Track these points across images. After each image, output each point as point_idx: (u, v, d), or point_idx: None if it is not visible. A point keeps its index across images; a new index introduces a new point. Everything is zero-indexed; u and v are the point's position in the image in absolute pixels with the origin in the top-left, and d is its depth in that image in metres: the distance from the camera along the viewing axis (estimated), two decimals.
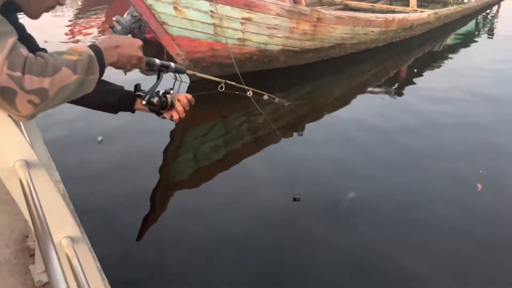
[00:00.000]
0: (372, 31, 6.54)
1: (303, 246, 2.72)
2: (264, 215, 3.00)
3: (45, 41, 7.63)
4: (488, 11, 10.35)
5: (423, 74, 6.23)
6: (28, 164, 0.93)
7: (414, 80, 5.93)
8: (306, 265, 2.57)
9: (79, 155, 3.71)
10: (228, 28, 5.08)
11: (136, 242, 2.76)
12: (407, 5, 8.38)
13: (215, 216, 3.00)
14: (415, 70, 6.47)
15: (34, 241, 1.80)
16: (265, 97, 4.04)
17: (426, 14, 7.52)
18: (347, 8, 8.55)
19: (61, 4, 1.16)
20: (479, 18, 9.72)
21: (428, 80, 5.93)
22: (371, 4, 8.96)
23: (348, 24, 6.05)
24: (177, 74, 1.51)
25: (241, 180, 3.48)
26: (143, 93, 1.39)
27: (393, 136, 4.15)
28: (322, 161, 3.71)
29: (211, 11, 4.87)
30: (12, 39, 0.83)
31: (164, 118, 1.46)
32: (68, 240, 0.96)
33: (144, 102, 1.37)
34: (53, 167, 2.21)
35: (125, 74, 1.38)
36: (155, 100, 1.37)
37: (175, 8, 4.77)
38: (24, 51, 0.85)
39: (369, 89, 5.62)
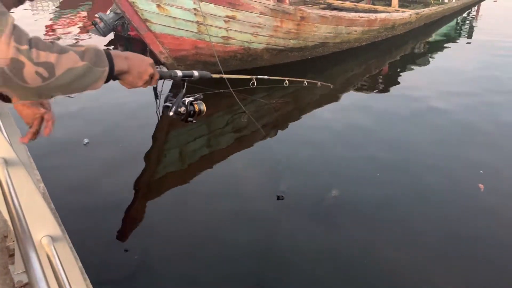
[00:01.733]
0: (355, 31, 6.61)
1: (287, 243, 2.74)
2: (248, 214, 3.01)
3: None
4: (467, 11, 10.55)
5: (405, 73, 6.32)
6: (6, 162, 0.91)
7: (397, 79, 6.02)
8: (289, 262, 2.59)
9: (63, 155, 3.66)
10: (212, 26, 5.06)
11: (119, 241, 2.74)
12: (389, 5, 8.49)
13: (199, 215, 3.00)
14: (398, 69, 6.57)
15: (13, 241, 1.77)
16: (305, 83, 3.95)
17: (407, 14, 7.63)
18: (330, 7, 8.61)
19: None
20: (459, 18, 9.91)
21: (410, 79, 6.02)
22: (354, 3, 9.05)
23: (332, 23, 6.09)
24: None
25: (225, 179, 3.48)
26: (171, 103, 1.42)
27: (377, 135, 4.21)
28: (306, 159, 3.74)
29: (195, 9, 4.84)
30: (11, 18, 0.82)
31: (193, 122, 1.49)
32: (49, 239, 0.95)
33: (171, 114, 1.40)
34: (33, 166, 2.18)
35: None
36: (182, 109, 1.41)
37: (158, 6, 4.73)
38: (27, 32, 0.85)
39: (352, 88, 5.68)
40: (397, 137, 4.17)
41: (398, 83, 5.81)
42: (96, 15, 7.00)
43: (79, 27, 8.55)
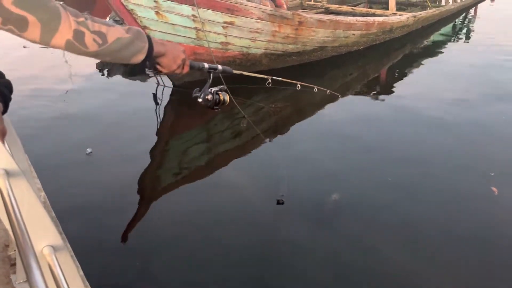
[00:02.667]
0: (353, 34, 6.64)
1: (288, 248, 2.74)
2: (248, 219, 3.01)
3: (24, 47, 7.52)
4: (465, 14, 10.59)
5: (404, 76, 6.34)
6: (8, 173, 0.92)
7: (395, 82, 6.03)
8: (291, 267, 2.59)
9: (64, 163, 3.66)
10: (211, 32, 5.08)
11: (120, 248, 2.74)
12: (387, 8, 8.53)
13: (200, 220, 3.00)
14: (396, 72, 6.59)
15: (15, 250, 1.78)
16: (315, 89, 4.04)
17: (405, 17, 7.66)
18: (328, 11, 8.66)
19: None
20: (456, 20, 9.95)
21: (409, 82, 6.03)
22: (352, 7, 9.09)
23: (330, 28, 6.12)
24: (159, 79, 1.63)
25: (225, 183, 3.49)
26: (199, 92, 1.63)
27: (376, 138, 4.21)
28: (305, 163, 3.74)
29: (193, 15, 4.87)
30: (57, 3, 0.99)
31: (218, 110, 1.67)
32: (50, 249, 0.95)
33: (200, 100, 1.61)
34: (34, 174, 2.18)
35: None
36: (209, 97, 1.61)
37: (157, 13, 4.75)
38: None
39: (351, 91, 5.70)
40: (398, 141, 4.17)
41: (398, 86, 5.82)
42: None
43: None
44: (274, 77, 2.72)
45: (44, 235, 0.97)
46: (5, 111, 1.14)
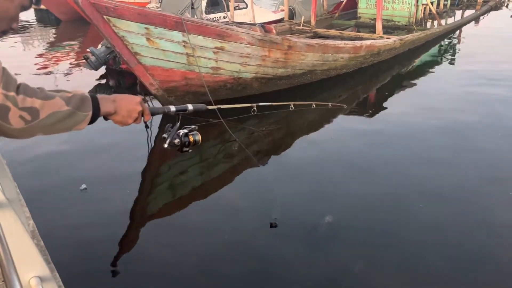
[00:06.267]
0: (342, 57, 6.76)
1: (281, 272, 2.71)
2: (242, 243, 2.99)
3: (15, 74, 7.54)
4: (450, 36, 10.86)
5: (392, 97, 6.42)
6: None
7: (384, 104, 6.11)
8: None
9: (54, 195, 3.63)
10: (201, 57, 5.15)
11: (110, 277, 2.70)
12: (374, 32, 8.72)
13: (192, 246, 2.97)
14: (384, 94, 6.68)
15: (3, 281, 1.74)
16: (313, 106, 3.96)
17: (392, 40, 7.83)
18: (317, 35, 8.83)
19: (13, 29, 1.13)
20: (442, 43, 10.18)
21: (397, 103, 6.11)
22: (340, 31, 9.29)
23: (318, 51, 6.23)
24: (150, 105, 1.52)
25: (217, 207, 3.47)
26: (167, 136, 1.51)
27: (368, 160, 4.23)
28: (298, 186, 3.75)
29: (184, 41, 4.94)
30: (1, 65, 0.91)
31: (189, 151, 1.56)
32: (37, 280, 0.94)
33: (165, 146, 1.50)
34: (23, 203, 2.16)
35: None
36: (176, 141, 1.51)
37: (148, 39, 4.82)
38: (16, 78, 0.95)
39: (342, 113, 5.75)
40: (393, 162, 4.17)
41: (386, 107, 5.90)
42: (88, 50, 7.09)
43: (70, 62, 8.64)
44: (260, 104, 2.55)
45: (31, 266, 0.96)
46: None
